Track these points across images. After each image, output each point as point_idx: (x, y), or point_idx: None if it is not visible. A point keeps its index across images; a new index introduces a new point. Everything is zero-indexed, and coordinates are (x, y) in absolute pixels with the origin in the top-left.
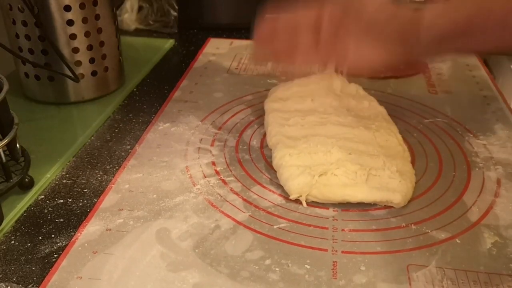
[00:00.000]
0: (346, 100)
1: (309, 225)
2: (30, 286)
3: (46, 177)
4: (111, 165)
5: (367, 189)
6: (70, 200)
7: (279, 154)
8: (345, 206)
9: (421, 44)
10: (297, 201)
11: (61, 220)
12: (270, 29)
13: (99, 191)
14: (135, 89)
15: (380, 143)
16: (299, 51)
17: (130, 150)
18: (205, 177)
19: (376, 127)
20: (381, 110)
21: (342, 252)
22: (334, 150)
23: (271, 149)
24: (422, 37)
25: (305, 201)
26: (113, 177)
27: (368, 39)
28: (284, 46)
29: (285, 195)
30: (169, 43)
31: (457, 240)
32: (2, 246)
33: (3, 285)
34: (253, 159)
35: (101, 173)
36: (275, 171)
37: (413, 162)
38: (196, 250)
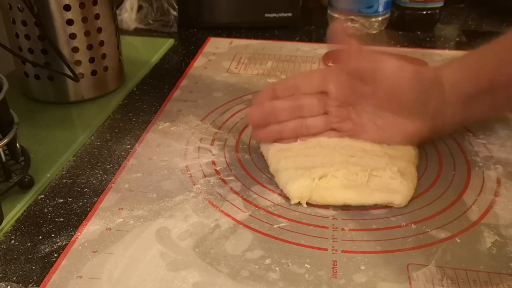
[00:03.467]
0: None
1: (309, 225)
2: (30, 285)
3: (46, 176)
4: (111, 165)
5: (368, 192)
6: (70, 199)
7: (274, 159)
8: (345, 205)
9: (446, 105)
10: None
11: (61, 219)
12: (269, 108)
13: (99, 191)
14: (135, 89)
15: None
16: (306, 131)
17: (130, 150)
18: (205, 177)
19: None
20: None
21: (342, 251)
22: (335, 152)
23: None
24: (447, 96)
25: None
26: (113, 176)
27: (387, 112)
28: (288, 126)
29: (285, 195)
30: (169, 42)
31: (457, 239)
32: (2, 246)
33: (3, 284)
34: (253, 159)
35: (101, 172)
36: None
37: None
38: (196, 250)
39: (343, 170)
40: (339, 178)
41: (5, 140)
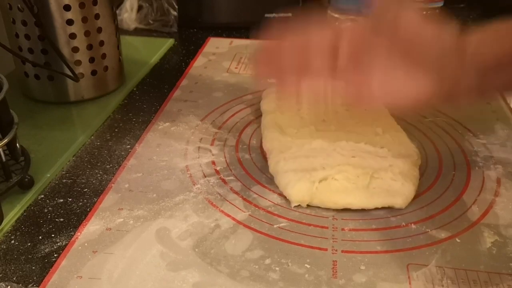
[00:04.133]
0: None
1: (309, 225)
2: (30, 285)
3: (46, 176)
4: (111, 165)
5: (369, 196)
6: (70, 199)
7: (273, 161)
8: None
9: (465, 74)
10: None
11: (61, 219)
12: (275, 46)
13: (99, 191)
14: (135, 89)
15: (390, 145)
16: (310, 73)
17: (130, 150)
18: (205, 177)
19: (382, 131)
20: (385, 112)
21: (342, 251)
22: (335, 153)
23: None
24: (466, 65)
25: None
26: (113, 176)
27: (402, 65)
28: (291, 64)
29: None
30: (169, 42)
31: (457, 239)
32: (2, 246)
33: (3, 284)
34: (252, 159)
35: (101, 172)
36: None
37: None
38: (196, 250)
39: (344, 172)
40: (340, 181)
41: (5, 140)
